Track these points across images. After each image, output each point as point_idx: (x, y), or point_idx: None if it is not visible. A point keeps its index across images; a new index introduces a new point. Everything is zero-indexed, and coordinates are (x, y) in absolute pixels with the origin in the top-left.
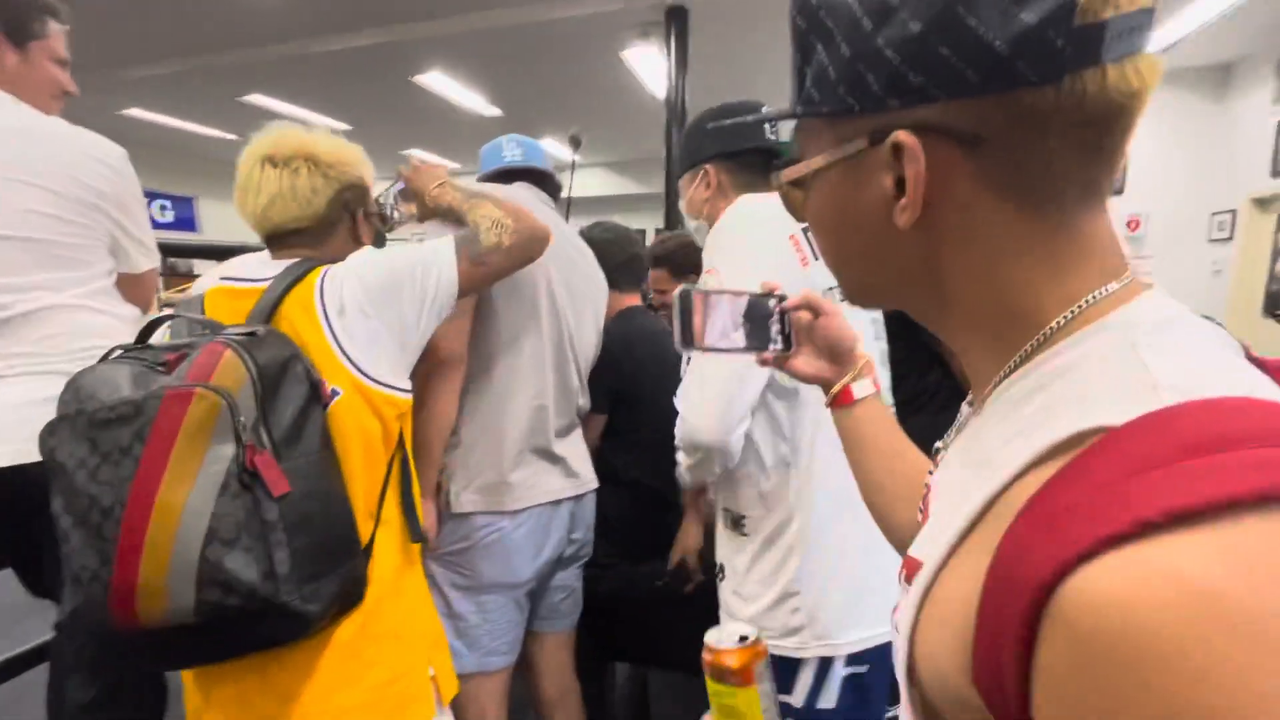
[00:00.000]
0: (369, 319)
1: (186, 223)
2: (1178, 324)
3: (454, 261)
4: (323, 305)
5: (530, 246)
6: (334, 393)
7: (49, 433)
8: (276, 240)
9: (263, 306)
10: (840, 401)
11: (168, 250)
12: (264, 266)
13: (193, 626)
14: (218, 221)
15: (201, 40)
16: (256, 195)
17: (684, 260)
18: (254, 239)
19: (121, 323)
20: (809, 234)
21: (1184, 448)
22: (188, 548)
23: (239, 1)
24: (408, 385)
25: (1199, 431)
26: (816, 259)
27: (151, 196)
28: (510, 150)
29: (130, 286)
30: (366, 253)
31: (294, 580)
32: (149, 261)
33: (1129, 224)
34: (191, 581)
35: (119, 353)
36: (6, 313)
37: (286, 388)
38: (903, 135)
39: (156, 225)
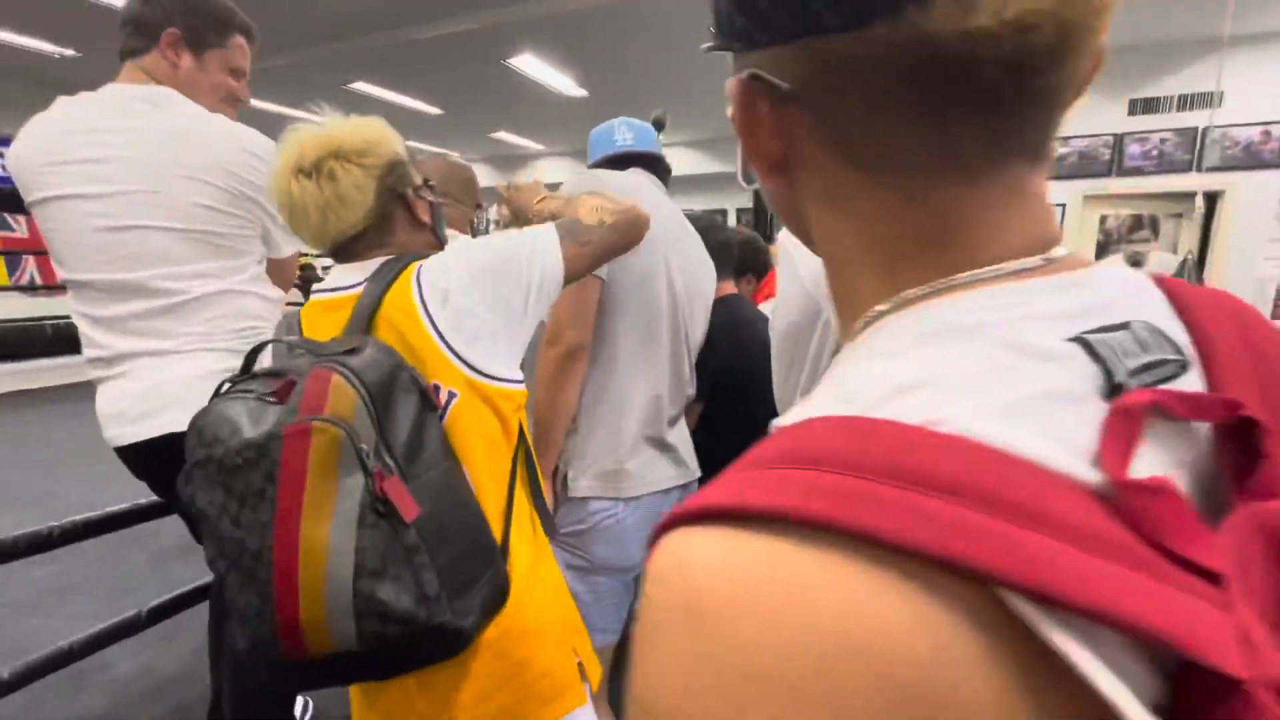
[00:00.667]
0: (477, 310)
1: None
2: (958, 330)
3: (558, 246)
4: (423, 302)
5: (632, 228)
6: (450, 395)
7: (185, 480)
8: (342, 252)
9: (360, 315)
10: None
11: None
12: (353, 273)
13: (359, 652)
14: None
15: (312, 31)
16: (305, 216)
17: (749, 259)
18: None
19: (272, 304)
20: None
21: (771, 457)
22: (340, 584)
23: None
24: (520, 376)
25: (796, 444)
26: None
27: None
28: (622, 135)
29: (275, 269)
30: (466, 241)
31: (445, 598)
32: (291, 246)
33: None
34: (350, 615)
35: (227, 386)
36: (182, 297)
37: (398, 402)
38: (730, 81)
39: None
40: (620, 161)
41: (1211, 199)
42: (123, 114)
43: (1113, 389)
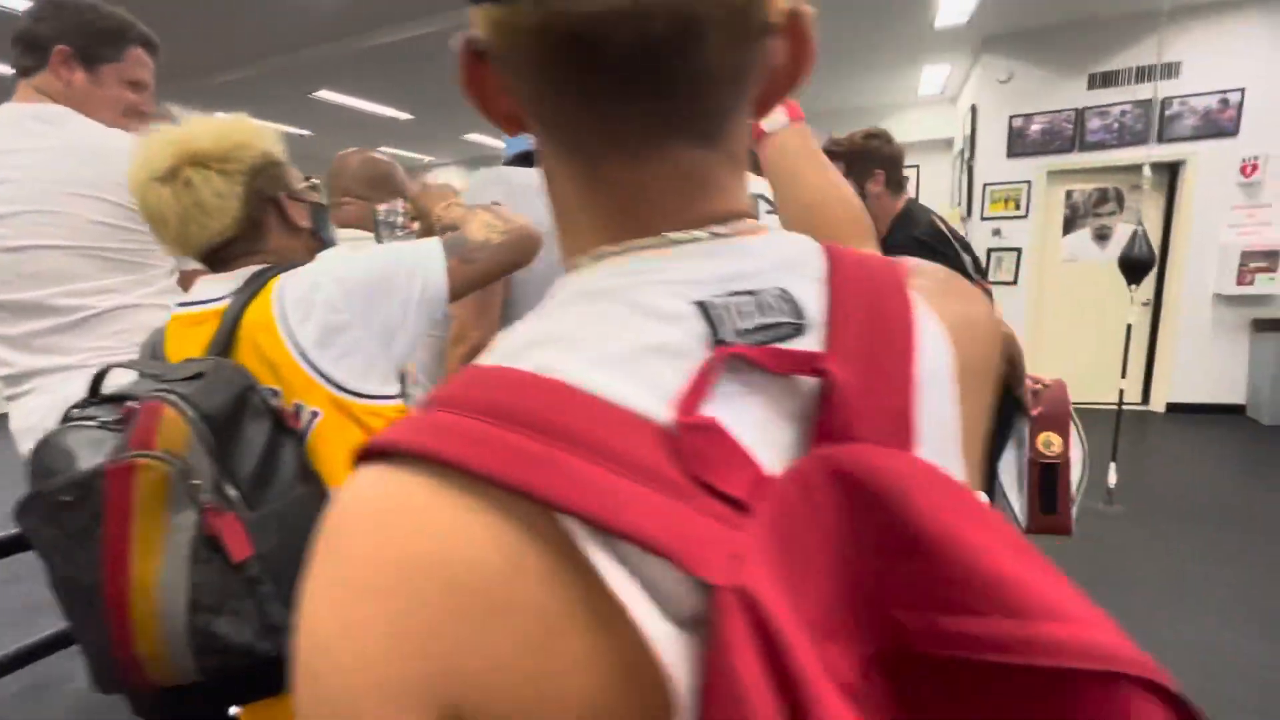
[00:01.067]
0: (347, 326)
1: None
2: (601, 293)
3: (443, 260)
4: (284, 319)
5: (520, 245)
6: (314, 415)
7: (22, 512)
8: (212, 259)
9: (221, 334)
10: (755, 139)
11: None
12: (221, 284)
13: (208, 681)
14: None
15: (273, 42)
16: (165, 224)
17: None
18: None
19: None
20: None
21: (432, 399)
22: (174, 621)
23: (300, 2)
24: (394, 390)
25: (439, 390)
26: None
27: None
28: None
29: (189, 281)
30: (341, 253)
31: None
32: None
33: (1244, 169)
34: (188, 651)
35: (76, 412)
36: (84, 314)
37: (246, 428)
38: (455, 37)
39: None
40: (529, 159)
41: (1174, 170)
42: (17, 134)
43: (718, 345)
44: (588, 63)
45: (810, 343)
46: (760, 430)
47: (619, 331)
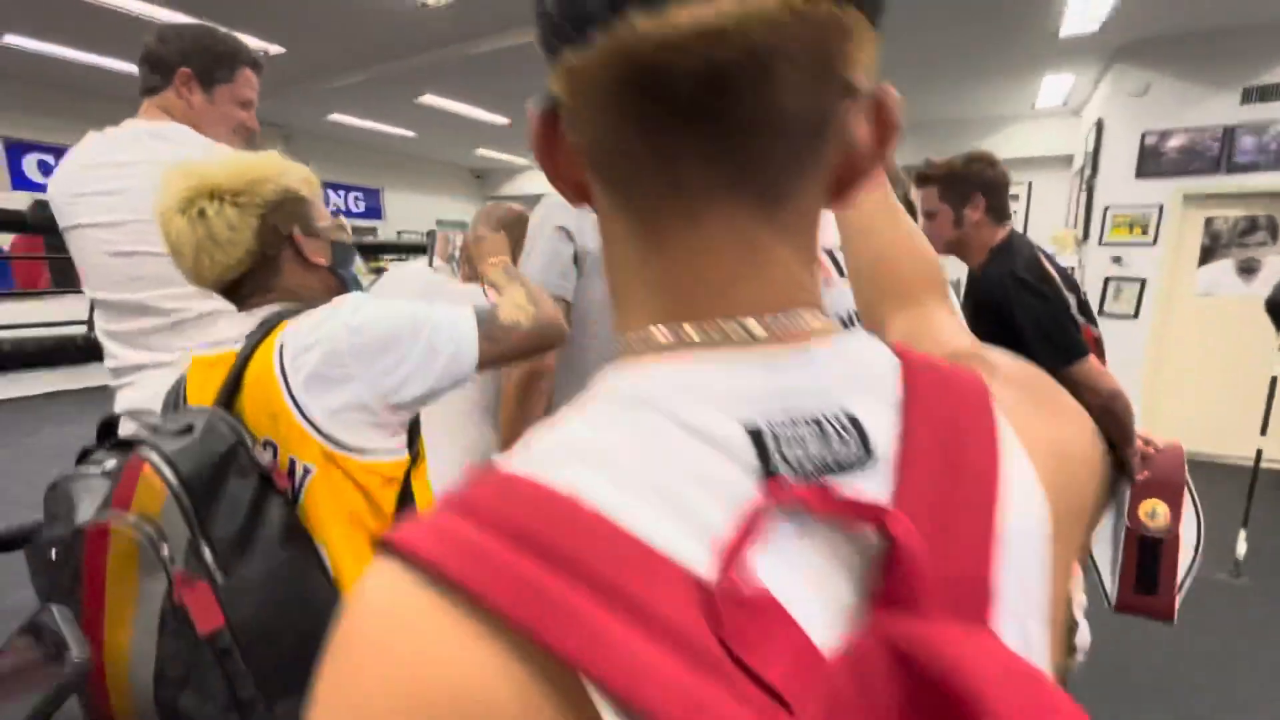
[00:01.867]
0: (348, 379)
1: (374, 211)
2: (647, 402)
3: (475, 332)
4: (282, 369)
5: (546, 333)
6: (306, 471)
7: (29, 556)
8: (230, 294)
9: (228, 381)
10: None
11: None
12: (238, 325)
13: None
14: (399, 210)
15: (383, 49)
16: (181, 255)
17: None
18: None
19: None
20: (836, 255)
21: (453, 498)
22: (143, 690)
23: (411, 12)
24: (394, 445)
25: (470, 488)
26: (842, 276)
27: (347, 189)
28: None
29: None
30: (359, 300)
31: (263, 702)
32: None
33: None
34: (156, 718)
35: (100, 454)
36: (180, 316)
37: (230, 487)
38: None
39: (350, 214)
40: None
41: None
42: (133, 149)
43: (768, 480)
44: (652, 93)
45: (876, 482)
46: (815, 583)
47: (662, 455)
